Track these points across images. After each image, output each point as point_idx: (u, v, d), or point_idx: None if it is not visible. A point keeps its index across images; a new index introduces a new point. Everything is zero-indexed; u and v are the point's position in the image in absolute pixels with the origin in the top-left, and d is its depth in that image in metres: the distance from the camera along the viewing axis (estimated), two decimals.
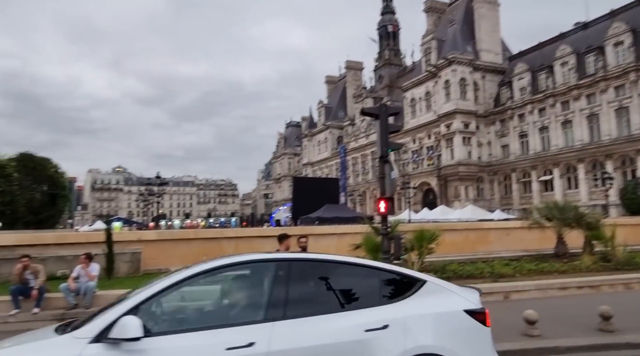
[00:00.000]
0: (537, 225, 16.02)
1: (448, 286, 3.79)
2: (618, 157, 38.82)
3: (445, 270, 12.49)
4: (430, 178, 54.05)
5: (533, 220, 16.71)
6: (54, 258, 12.34)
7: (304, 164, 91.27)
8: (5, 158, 16.21)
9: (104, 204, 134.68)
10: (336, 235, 17.31)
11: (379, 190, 7.84)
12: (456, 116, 49.52)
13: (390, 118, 8.01)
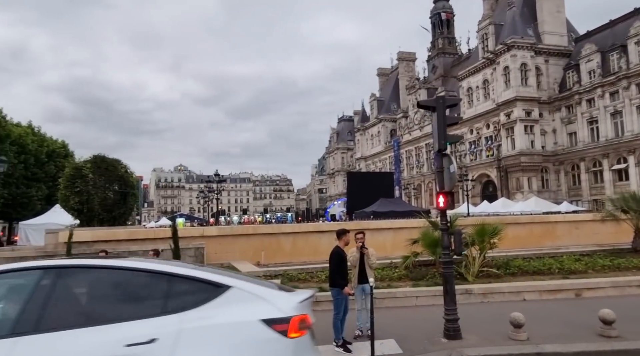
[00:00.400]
0: (611, 218, 14.94)
1: (259, 291, 3.34)
2: None
3: (509, 265, 12.00)
4: (490, 169, 51.86)
5: (607, 212, 15.62)
6: (127, 253, 13.20)
7: (357, 158, 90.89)
8: (82, 161, 17.56)
9: (168, 201, 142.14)
10: (392, 230, 17.13)
11: (437, 184, 7.64)
12: (517, 104, 47.06)
13: (447, 110, 7.75)
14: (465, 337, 7.08)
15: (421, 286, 10.52)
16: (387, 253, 14.07)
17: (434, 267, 11.83)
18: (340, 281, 6.97)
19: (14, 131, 36.06)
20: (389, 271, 11.86)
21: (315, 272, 11.83)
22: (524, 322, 6.92)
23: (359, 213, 31.39)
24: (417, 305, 9.75)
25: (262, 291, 3.38)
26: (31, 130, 40.95)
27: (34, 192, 38.83)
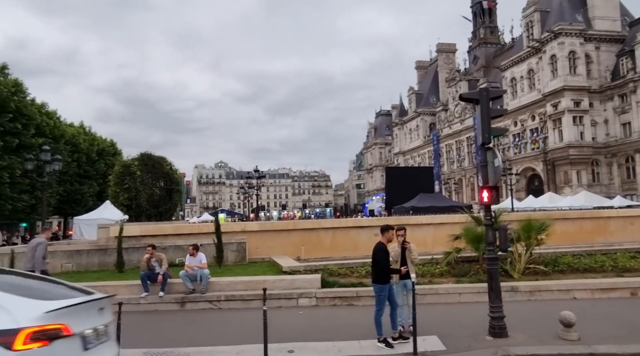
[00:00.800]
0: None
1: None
2: None
3: (557, 262, 11.54)
4: (535, 163, 49.82)
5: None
6: (173, 247, 13.73)
7: (395, 153, 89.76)
8: (130, 159, 18.35)
9: (209, 197, 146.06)
10: (433, 226, 16.84)
11: (481, 178, 7.44)
12: (565, 94, 44.85)
13: (491, 102, 7.52)
14: (511, 335, 6.89)
15: (464, 282, 10.30)
16: (427, 249, 13.83)
17: (477, 264, 11.54)
18: (383, 277, 6.93)
19: (68, 131, 38.19)
20: (430, 267, 11.69)
21: (355, 267, 11.83)
22: (574, 321, 6.64)
23: (398, 208, 30.99)
24: (460, 302, 9.57)
25: (4, 300, 3.28)
26: (83, 129, 43.24)
27: (86, 188, 41.03)
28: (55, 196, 34.73)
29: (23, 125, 29.88)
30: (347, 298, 9.77)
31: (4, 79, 29.33)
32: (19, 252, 13.59)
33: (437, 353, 6.50)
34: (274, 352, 6.55)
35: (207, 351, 6.88)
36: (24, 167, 23.67)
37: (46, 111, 34.73)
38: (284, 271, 11.38)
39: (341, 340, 7.13)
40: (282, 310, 9.48)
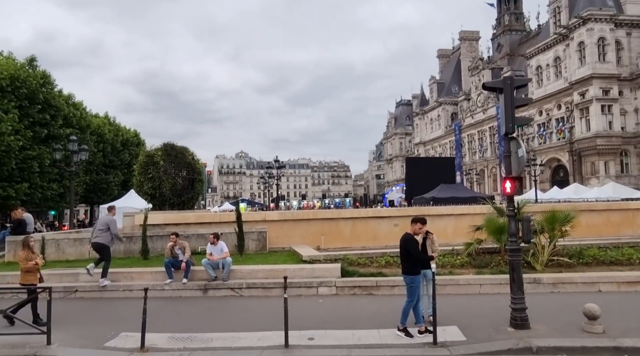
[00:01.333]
0: None
1: None
2: None
3: (582, 255, 11.31)
4: (561, 153, 48.57)
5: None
6: (195, 235, 13.99)
7: (416, 144, 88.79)
8: (153, 149, 18.71)
9: (230, 187, 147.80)
10: (453, 216, 16.69)
11: (504, 168, 7.32)
12: (593, 82, 43.42)
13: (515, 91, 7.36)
14: (533, 327, 6.83)
15: (485, 274, 10.21)
16: (448, 240, 13.74)
17: (498, 255, 11.41)
18: (415, 268, 6.91)
19: (94, 122, 39.09)
20: (451, 258, 11.61)
21: (375, 257, 11.85)
22: (599, 314, 6.53)
23: (418, 199, 30.77)
24: (480, 293, 9.51)
25: None
26: (107, 120, 44.17)
27: (111, 178, 42.05)
28: (82, 185, 35.71)
29: (51, 116, 30.71)
30: (367, 288, 9.82)
31: (33, 71, 30.12)
32: (49, 238, 14.09)
33: (457, 343, 6.49)
34: (295, 339, 6.66)
35: (229, 337, 7.04)
36: (52, 157, 24.41)
37: (73, 102, 35.57)
38: (304, 260, 11.48)
39: (360, 329, 7.20)
40: (302, 298, 9.60)
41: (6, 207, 28.37)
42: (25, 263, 7.76)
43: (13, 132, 26.29)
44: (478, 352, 6.15)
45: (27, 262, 7.75)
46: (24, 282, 7.79)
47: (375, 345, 6.52)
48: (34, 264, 7.79)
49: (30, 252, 7.91)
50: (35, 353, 6.43)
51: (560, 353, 5.99)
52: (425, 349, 6.34)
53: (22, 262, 7.81)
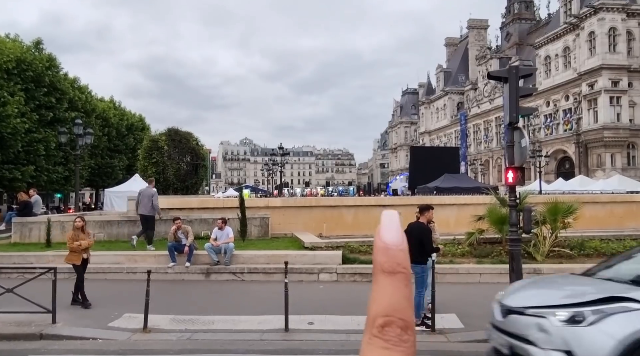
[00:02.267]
0: None
1: None
2: None
3: (584, 246, 11.33)
4: (567, 145, 48.21)
5: None
6: (198, 220, 14.11)
7: (421, 133, 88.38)
8: (158, 134, 18.77)
9: (234, 173, 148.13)
10: (456, 206, 16.69)
11: (507, 159, 7.31)
12: (602, 73, 42.86)
13: (521, 81, 7.32)
14: None
15: (485, 263, 10.27)
16: (450, 230, 13.78)
17: (499, 245, 11.45)
18: (425, 257, 6.89)
19: (99, 106, 39.16)
20: (452, 247, 11.67)
21: None
22: None
23: (422, 188, 30.74)
24: (480, 282, 9.57)
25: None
26: (113, 104, 44.23)
27: (116, 162, 42.28)
28: (87, 169, 35.95)
29: (57, 99, 30.79)
30: (367, 275, 9.90)
31: (38, 54, 30.12)
32: (55, 220, 14.26)
33: (455, 330, 6.58)
34: (295, 323, 6.76)
35: (230, 320, 7.16)
36: (58, 140, 24.56)
37: (78, 86, 35.62)
38: (305, 246, 11.58)
39: (360, 315, 7.28)
40: (303, 284, 9.70)
41: (12, 189, 28.66)
42: (71, 242, 7.96)
43: (19, 114, 26.42)
44: (475, 339, 6.23)
45: (72, 242, 7.95)
46: (68, 261, 8.09)
47: None
48: (78, 245, 7.96)
49: (80, 232, 8.07)
50: (40, 331, 6.58)
51: None
52: (423, 336, 6.42)
53: (68, 241, 8.07)
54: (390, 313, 0.36)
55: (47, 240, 13.19)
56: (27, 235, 13.87)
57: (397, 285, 0.37)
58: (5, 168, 26.83)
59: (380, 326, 0.36)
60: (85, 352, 5.91)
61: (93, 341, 6.36)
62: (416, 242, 6.89)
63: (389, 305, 0.37)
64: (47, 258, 10.65)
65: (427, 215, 7.07)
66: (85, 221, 8.62)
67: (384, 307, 0.37)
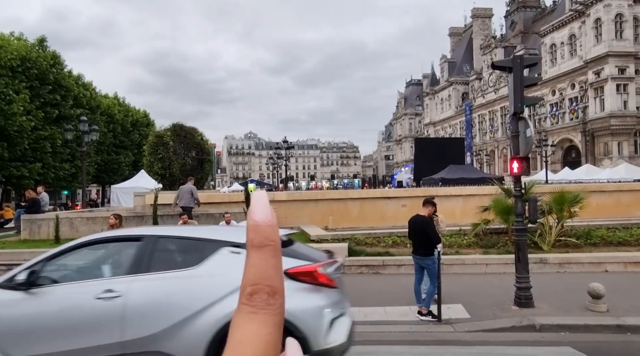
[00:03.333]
0: None
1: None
2: None
3: (590, 235, 11.31)
4: (573, 133, 47.84)
5: None
6: (205, 215, 14.20)
7: (426, 124, 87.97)
8: (163, 129, 18.82)
9: (239, 167, 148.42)
10: (462, 197, 16.69)
11: (512, 149, 7.30)
12: (609, 60, 42.37)
13: (525, 70, 7.27)
14: (537, 306, 6.91)
15: (492, 253, 10.28)
16: (455, 221, 13.80)
17: (505, 235, 11.45)
18: (432, 249, 6.88)
19: (103, 102, 39.30)
20: (458, 238, 11.68)
21: (382, 237, 11.96)
22: (603, 293, 6.58)
23: (427, 180, 30.68)
24: (486, 273, 9.59)
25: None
26: (117, 101, 44.35)
27: (122, 158, 42.50)
28: (93, 165, 36.19)
29: (62, 97, 30.94)
30: (374, 267, 9.96)
31: (43, 52, 30.22)
32: (63, 217, 14.41)
33: (462, 320, 6.61)
34: None
35: None
36: (64, 137, 24.73)
37: (82, 83, 35.74)
38: (312, 239, 11.64)
39: (366, 306, 7.34)
40: None
41: (20, 186, 28.93)
42: None
43: (25, 112, 26.60)
44: (482, 329, 6.27)
45: None
46: None
47: (381, 321, 6.67)
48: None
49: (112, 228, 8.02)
50: None
51: (563, 331, 6.07)
52: (430, 326, 6.47)
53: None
54: (258, 281, 0.39)
55: (55, 236, 13.34)
56: (37, 232, 14.04)
57: (265, 257, 0.40)
58: (12, 166, 27.08)
59: (249, 295, 0.39)
60: None
61: None
62: (420, 234, 6.92)
63: (256, 274, 0.39)
64: None
65: (429, 209, 7.09)
66: (122, 217, 8.33)
67: (252, 277, 0.39)
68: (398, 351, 5.45)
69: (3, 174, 27.44)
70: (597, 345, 5.52)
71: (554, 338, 5.88)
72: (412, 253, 7.13)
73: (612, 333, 5.96)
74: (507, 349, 5.47)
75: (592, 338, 5.82)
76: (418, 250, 6.98)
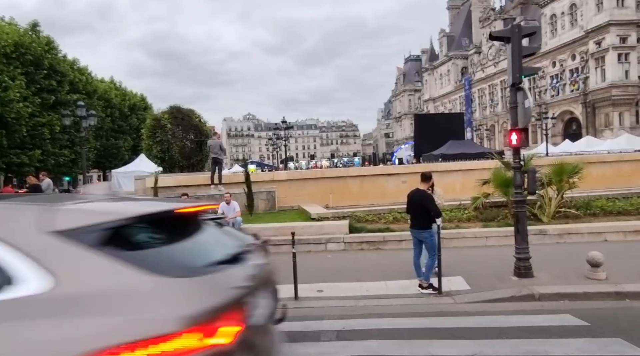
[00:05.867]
0: None
1: None
2: None
3: (590, 206, 11.35)
4: (574, 105, 47.45)
5: None
6: (206, 196, 14.22)
7: (425, 100, 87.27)
8: (160, 112, 18.72)
9: (239, 149, 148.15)
10: (461, 172, 16.69)
11: (510, 120, 7.24)
12: (610, 29, 41.66)
13: (524, 41, 7.16)
14: (537, 276, 6.98)
15: (491, 226, 10.34)
16: (456, 195, 13.83)
17: (505, 208, 11.49)
18: (431, 222, 6.91)
19: (100, 87, 38.99)
20: (458, 212, 11.73)
21: (383, 214, 12.01)
22: (602, 261, 6.64)
23: (427, 156, 30.65)
24: (486, 245, 9.66)
25: None
26: (114, 85, 43.99)
27: (121, 143, 42.44)
28: (93, 151, 36.16)
29: (58, 82, 30.67)
30: (375, 243, 10.04)
31: (36, 37, 29.80)
32: None
33: (462, 292, 6.69)
34: (304, 291, 6.91)
35: None
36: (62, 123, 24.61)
37: (78, 67, 35.37)
38: (312, 218, 11.70)
39: (368, 281, 7.43)
40: (312, 254, 9.86)
41: (21, 173, 28.97)
42: None
43: (21, 99, 26.42)
44: (482, 300, 6.35)
45: None
46: None
47: (382, 296, 6.75)
48: None
49: None
50: None
51: (563, 299, 6.15)
52: (430, 299, 6.55)
53: None
54: None
55: None
56: None
57: None
58: (12, 154, 27.06)
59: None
60: None
61: None
62: (419, 207, 6.94)
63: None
64: None
65: (427, 184, 7.10)
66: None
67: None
68: (399, 323, 5.53)
69: (3, 161, 27.44)
70: (596, 312, 5.59)
71: (553, 306, 5.96)
72: (410, 227, 7.17)
73: (612, 300, 6.04)
74: (507, 318, 5.55)
75: (591, 305, 5.89)
76: (415, 224, 7.01)
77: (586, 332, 4.92)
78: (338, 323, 5.60)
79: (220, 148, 15.22)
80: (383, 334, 5.13)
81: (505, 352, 4.44)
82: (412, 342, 4.84)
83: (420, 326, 5.38)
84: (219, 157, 15.11)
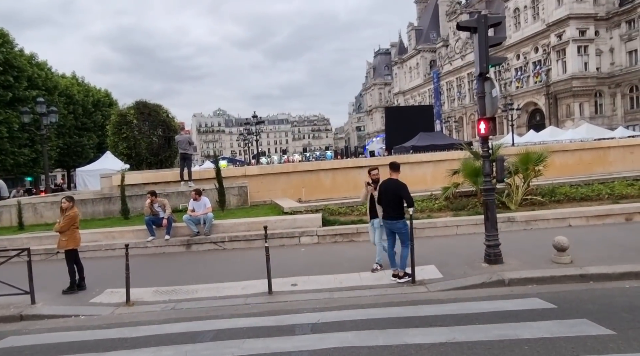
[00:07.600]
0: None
1: None
2: None
3: (554, 193, 11.72)
4: (537, 97, 48.99)
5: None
6: (175, 193, 13.91)
7: (395, 93, 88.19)
8: (125, 108, 18.07)
9: (210, 145, 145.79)
10: (432, 163, 16.91)
11: (479, 111, 7.35)
12: (570, 22, 43.13)
13: (490, 31, 7.25)
14: (506, 262, 7.15)
15: (462, 215, 10.52)
16: (427, 186, 14.02)
17: (475, 197, 11.72)
18: (402, 211, 6.87)
19: (61, 82, 37.37)
20: (429, 202, 11.89)
21: (356, 206, 12.03)
22: (567, 245, 6.85)
23: (398, 148, 31.02)
24: (457, 234, 9.84)
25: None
26: (76, 80, 42.27)
27: (85, 140, 40.92)
28: (55, 149, 34.73)
29: (14, 78, 29.22)
30: (348, 235, 10.05)
31: None
32: (26, 202, 13.83)
33: (435, 280, 6.78)
34: (278, 286, 6.84)
35: (213, 288, 7.19)
36: (21, 121, 23.48)
37: (36, 62, 33.76)
38: (285, 212, 11.60)
39: (342, 273, 7.42)
40: (285, 248, 9.79)
41: None
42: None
43: None
44: (454, 287, 6.45)
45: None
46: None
47: (356, 287, 6.76)
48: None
49: (64, 213, 7.74)
50: (20, 312, 6.48)
51: (531, 284, 6.32)
52: (404, 288, 6.60)
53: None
54: None
55: (19, 222, 12.86)
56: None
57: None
58: None
59: None
60: (69, 329, 5.86)
61: (75, 318, 6.31)
62: (393, 197, 6.91)
63: None
64: (22, 240, 10.39)
65: (397, 173, 7.03)
66: (74, 200, 8.14)
67: None
68: (374, 313, 5.54)
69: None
70: (563, 295, 5.77)
71: (522, 291, 6.11)
72: (383, 218, 7.13)
73: (577, 283, 6.24)
74: (478, 304, 5.64)
75: (558, 288, 6.08)
76: (389, 214, 6.98)
77: (554, 314, 5.07)
78: (313, 316, 5.56)
79: (188, 144, 14.99)
80: (358, 325, 5.13)
81: (478, 337, 4.51)
82: (387, 332, 4.85)
83: (395, 315, 5.40)
84: (188, 152, 14.87)
